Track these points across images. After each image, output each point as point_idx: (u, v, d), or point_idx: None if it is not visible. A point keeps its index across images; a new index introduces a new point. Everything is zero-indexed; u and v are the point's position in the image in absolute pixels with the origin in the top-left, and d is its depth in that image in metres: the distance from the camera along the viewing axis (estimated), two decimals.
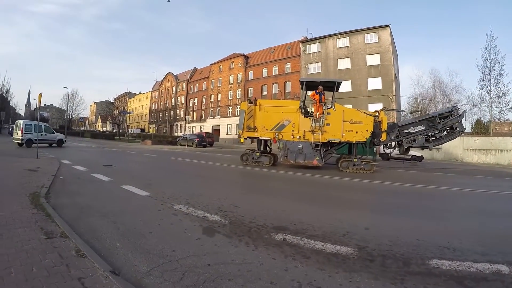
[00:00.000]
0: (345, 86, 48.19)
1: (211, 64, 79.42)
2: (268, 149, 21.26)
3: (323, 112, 18.16)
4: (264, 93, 61.60)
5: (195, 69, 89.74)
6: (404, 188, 12.69)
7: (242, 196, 9.01)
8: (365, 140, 18.04)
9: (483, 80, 43.14)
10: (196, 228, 5.57)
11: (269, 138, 19.68)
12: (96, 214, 6.25)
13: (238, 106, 56.73)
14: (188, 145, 41.83)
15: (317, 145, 17.84)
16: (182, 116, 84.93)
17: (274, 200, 8.81)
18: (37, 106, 19.36)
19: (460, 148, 37.42)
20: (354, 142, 18.18)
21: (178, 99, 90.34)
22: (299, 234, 5.37)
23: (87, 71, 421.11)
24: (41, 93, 17.43)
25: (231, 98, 69.57)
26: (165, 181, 11.50)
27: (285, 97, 55.37)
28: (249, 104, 19.94)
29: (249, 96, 61.76)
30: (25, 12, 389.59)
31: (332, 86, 19.64)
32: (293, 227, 5.83)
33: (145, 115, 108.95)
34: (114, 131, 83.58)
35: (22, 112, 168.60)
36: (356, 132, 17.75)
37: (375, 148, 27.16)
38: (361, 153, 19.35)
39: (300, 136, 18.47)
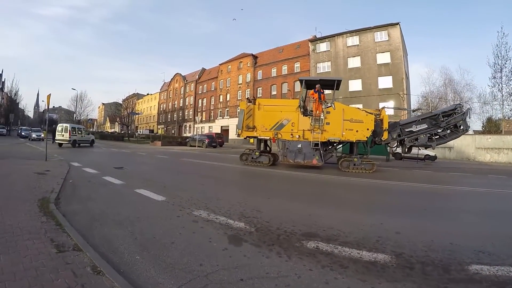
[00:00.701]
0: (356, 85, 47.79)
1: (220, 64, 79.06)
2: (268, 148, 21.32)
3: (322, 111, 18.02)
4: (274, 92, 61.05)
5: (203, 70, 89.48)
6: (420, 189, 12.41)
7: (263, 200, 8.50)
8: (366, 139, 17.91)
9: (494, 77, 42.42)
10: (221, 237, 5.15)
11: (268, 138, 19.71)
12: (111, 222, 5.81)
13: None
14: (198, 146, 41.52)
15: (316, 145, 17.77)
16: (190, 117, 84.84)
17: (296, 204, 8.38)
18: (46, 108, 19.08)
19: (472, 147, 37.02)
20: (354, 141, 18.05)
21: (187, 99, 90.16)
22: (331, 241, 5.05)
23: (95, 73, 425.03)
24: (49, 94, 17.20)
25: (240, 98, 68.88)
26: (180, 184, 11.01)
27: (294, 97, 54.76)
28: (248, 104, 20.05)
29: (258, 96, 61.54)
30: (33, 15, 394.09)
31: (332, 84, 19.53)
32: (323, 233, 5.51)
33: (154, 116, 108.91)
34: (122, 132, 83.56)
35: (31, 114, 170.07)
36: (357, 131, 17.60)
37: (388, 148, 26.89)
38: (362, 153, 19.07)
39: (299, 136, 18.41)
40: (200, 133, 55.12)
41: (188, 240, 4.94)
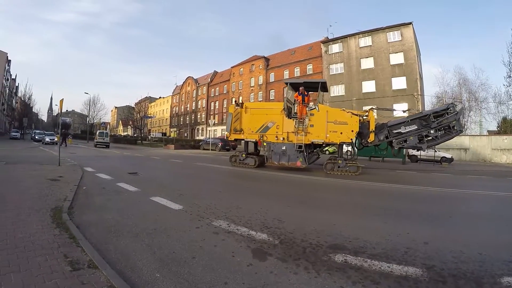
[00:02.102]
0: (369, 87, 47.48)
1: (232, 67, 79.44)
2: (258, 151, 21.55)
3: (306, 113, 18.26)
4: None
5: (215, 73, 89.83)
6: (442, 194, 12.03)
7: (284, 209, 8.19)
8: (350, 141, 18.09)
9: (509, 76, 41.79)
10: (244, 251, 4.87)
11: (254, 140, 20.27)
12: (127, 234, 5.52)
13: None
14: (211, 149, 41.42)
15: (300, 147, 18.08)
16: (203, 120, 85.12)
17: (318, 212, 8.07)
18: (59, 112, 19.09)
19: (488, 148, 36.59)
20: (338, 143, 18.22)
21: (199, 102, 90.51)
22: (360, 254, 4.80)
23: (107, 77, 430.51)
24: (62, 99, 17.21)
25: (253, 100, 68.85)
26: (196, 191, 10.71)
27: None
28: (236, 107, 20.77)
29: (271, 98, 61.41)
30: (46, 21, 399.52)
31: (317, 87, 19.80)
32: (350, 244, 5.26)
33: (166, 119, 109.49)
34: (135, 135, 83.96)
35: (44, 117, 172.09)
36: (341, 133, 17.64)
37: (404, 151, 26.74)
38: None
39: (283, 138, 18.82)
40: (213, 136, 55.10)
41: (209, 254, 4.67)
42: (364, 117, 18.19)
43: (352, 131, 17.45)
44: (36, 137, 53.09)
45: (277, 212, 7.47)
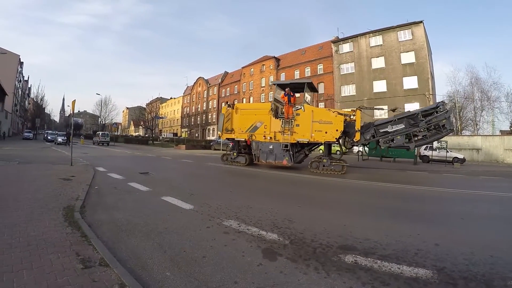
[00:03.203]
0: (380, 86, 47.11)
1: (242, 68, 79.37)
2: (250, 149, 21.64)
3: (292, 113, 18.90)
4: (297, 95, 60.52)
5: (226, 73, 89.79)
6: (453, 195, 11.97)
7: (294, 209, 8.15)
8: (335, 140, 18.30)
9: None
10: (255, 251, 4.89)
11: (243, 139, 21.07)
12: (138, 233, 5.57)
13: None
14: (222, 149, 41.37)
15: (286, 146, 18.74)
16: (214, 120, 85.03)
17: (329, 213, 8.04)
18: (71, 112, 19.28)
19: (500, 148, 36.16)
20: (323, 142, 18.55)
21: (210, 103, 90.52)
22: (370, 255, 4.80)
23: (119, 78, 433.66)
24: (75, 100, 17.36)
25: (264, 101, 68.52)
26: (207, 191, 10.73)
27: (318, 99, 54.44)
28: (228, 108, 21.85)
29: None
30: (57, 24, 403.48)
31: (302, 87, 20.42)
32: (360, 245, 5.25)
33: (177, 119, 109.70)
34: (146, 135, 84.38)
35: (56, 118, 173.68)
36: (326, 132, 17.99)
37: (415, 151, 26.57)
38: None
39: (271, 137, 19.63)
40: None
41: (220, 254, 4.69)
42: (352, 117, 18.35)
43: (337, 130, 17.71)
44: (49, 137, 53.43)
45: (287, 212, 7.48)
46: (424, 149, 32.69)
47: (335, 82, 53.80)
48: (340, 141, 18.95)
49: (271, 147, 19.53)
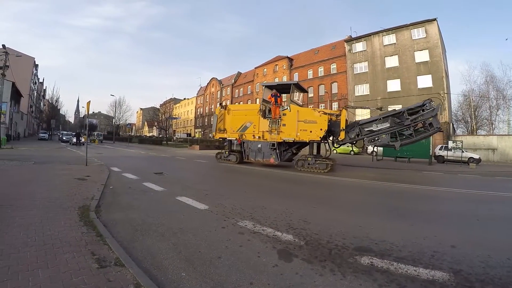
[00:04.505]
0: (394, 85, 46.70)
1: (255, 68, 79.35)
2: (241, 148, 22.76)
3: (279, 113, 19.72)
4: (310, 95, 60.09)
5: (239, 73, 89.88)
6: (468, 195, 11.67)
7: (309, 209, 8.10)
8: (319, 139, 18.82)
9: None
10: (270, 251, 4.85)
11: (234, 139, 22.22)
12: (153, 233, 5.57)
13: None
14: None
15: (273, 145, 19.78)
16: None
17: (344, 214, 7.98)
18: (86, 113, 19.49)
19: None
20: (308, 141, 19.19)
21: (223, 103, 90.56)
22: (386, 256, 4.74)
23: (132, 79, 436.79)
24: (89, 101, 17.66)
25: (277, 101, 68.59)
26: (221, 191, 10.74)
27: (332, 98, 54.20)
28: (220, 109, 23.21)
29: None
30: (71, 26, 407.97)
31: (289, 88, 20.79)
32: (376, 247, 5.19)
33: (191, 120, 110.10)
34: (160, 136, 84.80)
35: (71, 119, 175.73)
36: (311, 132, 18.60)
37: (430, 151, 26.41)
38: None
39: (259, 136, 20.64)
40: None
41: (235, 254, 4.67)
42: (338, 116, 18.83)
43: (321, 129, 18.16)
44: (64, 138, 54.10)
45: (302, 213, 7.43)
46: (439, 149, 32.42)
47: (348, 81, 53.53)
48: (330, 140, 19.58)
49: (259, 146, 20.61)
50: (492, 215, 8.53)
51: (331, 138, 19.31)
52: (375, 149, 31.56)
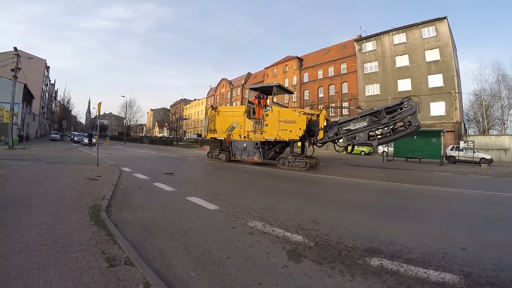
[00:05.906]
0: (405, 85, 46.33)
1: (265, 68, 79.16)
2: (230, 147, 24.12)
3: (262, 114, 20.78)
4: (321, 95, 60.08)
5: (249, 74, 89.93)
6: (479, 197, 11.52)
7: (319, 210, 8.09)
8: (298, 138, 19.62)
9: None
10: (279, 252, 4.84)
11: (223, 138, 23.84)
12: (163, 233, 5.60)
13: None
14: None
15: (257, 144, 20.93)
16: None
17: (354, 214, 7.91)
18: (97, 114, 19.65)
19: None
20: (288, 140, 20.09)
21: (233, 104, 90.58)
22: (395, 258, 4.71)
23: (143, 80, 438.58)
24: (100, 102, 17.69)
25: (287, 101, 68.46)
26: (232, 192, 10.70)
27: (342, 99, 53.99)
28: (211, 111, 25.05)
29: (305, 98, 60.98)
30: (81, 29, 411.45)
31: (270, 90, 21.96)
32: (386, 248, 5.17)
33: (201, 120, 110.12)
34: (171, 136, 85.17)
35: (83, 120, 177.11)
36: (290, 131, 19.47)
37: (441, 151, 26.30)
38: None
39: (245, 136, 21.94)
40: None
41: (244, 255, 4.68)
42: (318, 116, 19.45)
43: (300, 129, 18.99)
44: (75, 139, 54.56)
45: (312, 214, 7.42)
46: (451, 150, 32.11)
47: (359, 81, 53.24)
48: (313, 139, 19.97)
49: (244, 145, 22.01)
50: (503, 217, 8.41)
51: (302, 138, 19.87)
52: (385, 150, 31.36)
